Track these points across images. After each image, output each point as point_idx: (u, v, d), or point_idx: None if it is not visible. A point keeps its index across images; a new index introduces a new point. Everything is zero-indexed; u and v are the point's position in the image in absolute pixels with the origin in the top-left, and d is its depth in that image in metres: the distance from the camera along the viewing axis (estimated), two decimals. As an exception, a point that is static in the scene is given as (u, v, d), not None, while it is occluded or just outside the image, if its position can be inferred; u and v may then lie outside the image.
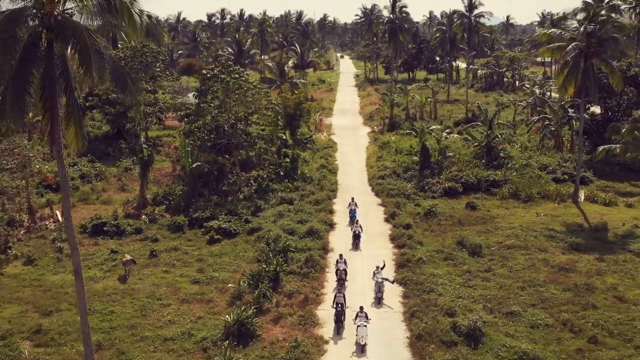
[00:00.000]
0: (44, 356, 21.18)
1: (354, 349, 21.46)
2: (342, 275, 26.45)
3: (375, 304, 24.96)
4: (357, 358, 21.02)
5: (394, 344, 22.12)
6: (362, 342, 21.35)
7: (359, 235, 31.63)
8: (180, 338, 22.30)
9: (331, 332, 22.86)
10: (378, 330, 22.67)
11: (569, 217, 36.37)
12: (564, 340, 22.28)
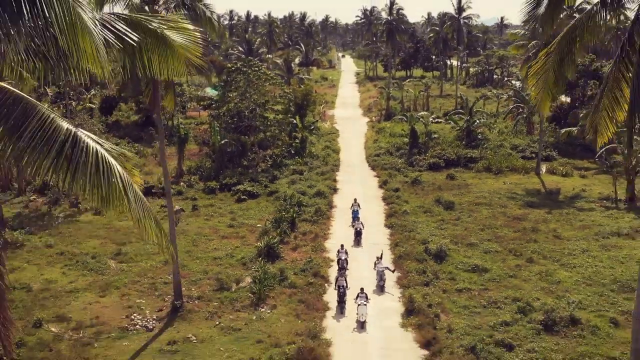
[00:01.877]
0: (127, 268, 29.19)
1: (355, 325, 23.48)
2: (344, 265, 27.70)
3: (377, 291, 26.25)
4: (357, 333, 23.01)
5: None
6: (362, 319, 23.29)
7: (360, 232, 32.57)
8: (225, 258, 30.33)
9: (334, 310, 24.98)
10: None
11: (530, 185, 44.36)
12: (507, 260, 30.22)
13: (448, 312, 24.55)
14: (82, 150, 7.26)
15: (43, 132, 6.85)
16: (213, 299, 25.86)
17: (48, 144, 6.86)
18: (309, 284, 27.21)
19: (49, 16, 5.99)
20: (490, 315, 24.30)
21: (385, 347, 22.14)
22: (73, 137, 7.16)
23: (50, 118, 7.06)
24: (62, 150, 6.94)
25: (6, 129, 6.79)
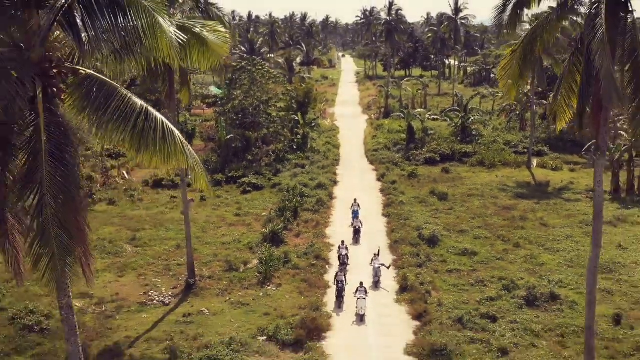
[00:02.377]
0: (142, 251, 31.42)
1: (354, 319, 24.11)
2: (345, 260, 28.47)
3: (372, 287, 26.58)
4: (357, 326, 23.65)
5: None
6: (362, 312, 23.91)
7: (359, 230, 33.09)
8: (233, 243, 32.56)
9: (333, 303, 25.45)
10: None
11: (521, 178, 46.58)
12: (496, 245, 32.44)
13: (439, 290, 26.76)
14: (153, 120, 9.38)
15: (123, 108, 8.93)
16: (223, 278, 28.11)
17: (127, 117, 8.95)
18: (311, 266, 29.45)
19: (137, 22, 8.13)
20: (477, 292, 26.52)
21: (380, 320, 24.35)
22: (145, 111, 9.29)
23: (128, 97, 9.18)
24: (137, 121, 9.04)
25: (94, 106, 8.90)
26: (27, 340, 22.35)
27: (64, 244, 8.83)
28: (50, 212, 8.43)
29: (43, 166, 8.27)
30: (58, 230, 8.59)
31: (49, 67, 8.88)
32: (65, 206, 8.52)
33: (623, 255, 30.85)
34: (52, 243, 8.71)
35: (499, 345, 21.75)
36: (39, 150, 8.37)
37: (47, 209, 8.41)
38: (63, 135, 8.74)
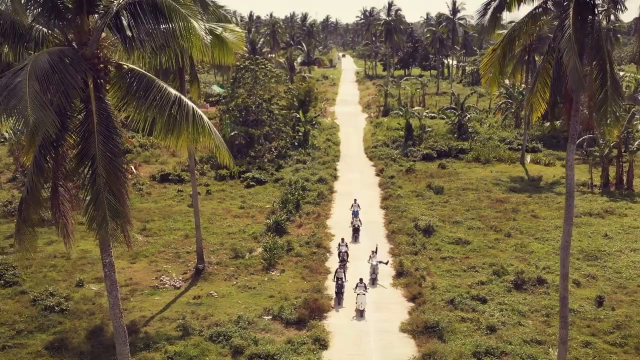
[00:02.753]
0: (152, 241, 33.09)
1: (354, 314, 24.64)
2: (344, 257, 28.93)
3: (370, 284, 26.89)
4: (357, 321, 24.20)
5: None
6: (361, 307, 24.40)
7: (358, 228, 33.64)
8: (238, 233, 34.24)
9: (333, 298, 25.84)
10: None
11: (514, 173, 48.25)
12: (488, 235, 34.11)
13: (433, 275, 28.44)
14: (185, 107, 10.99)
15: (160, 97, 10.53)
16: (230, 264, 29.81)
17: (163, 105, 10.55)
18: (313, 254, 31.14)
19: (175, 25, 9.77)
20: (469, 277, 28.21)
21: (377, 302, 26.01)
22: (179, 99, 10.90)
23: (164, 87, 10.81)
24: (172, 108, 10.64)
25: (135, 96, 10.54)
26: (48, 319, 24.02)
27: (112, 208, 10.45)
28: (101, 181, 10.03)
29: (96, 144, 9.88)
30: (108, 195, 10.20)
31: (97, 62, 10.52)
32: (112, 177, 10.13)
33: (609, 244, 32.50)
34: (103, 206, 10.32)
35: (488, 324, 23.42)
36: (92, 131, 9.98)
37: (99, 179, 10.02)
38: (109, 119, 10.35)
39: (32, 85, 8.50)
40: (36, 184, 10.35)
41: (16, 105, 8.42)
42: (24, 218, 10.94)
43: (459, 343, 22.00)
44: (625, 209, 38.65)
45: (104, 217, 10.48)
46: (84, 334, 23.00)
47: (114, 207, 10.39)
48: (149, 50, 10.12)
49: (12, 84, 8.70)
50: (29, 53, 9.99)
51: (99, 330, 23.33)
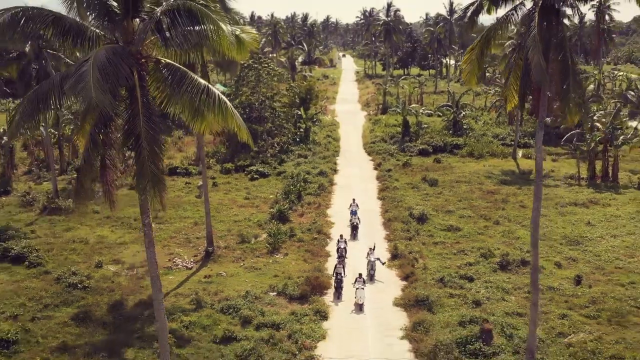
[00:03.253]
0: (164, 227, 35.34)
1: (353, 308, 25.39)
2: (343, 253, 29.62)
3: (368, 280, 27.42)
4: (356, 315, 24.96)
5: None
6: (360, 302, 25.18)
7: (357, 226, 34.25)
8: (244, 221, 36.51)
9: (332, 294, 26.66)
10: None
11: (506, 167, 50.50)
12: (478, 223, 36.35)
13: (425, 257, 30.69)
14: (212, 94, 13.16)
15: (191, 87, 12.70)
16: (237, 248, 32.09)
17: (194, 93, 12.72)
18: (314, 239, 33.42)
19: (207, 27, 12.01)
20: (458, 260, 30.46)
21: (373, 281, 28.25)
22: (207, 88, 13.07)
23: (195, 78, 12.97)
24: (202, 96, 12.81)
25: (171, 86, 12.72)
26: (72, 295, 26.30)
27: (154, 176, 12.60)
28: (145, 153, 12.19)
29: (141, 124, 12.04)
30: (151, 165, 12.35)
31: (140, 57, 12.69)
32: (153, 150, 12.27)
33: (591, 230, 34.72)
34: (147, 174, 12.47)
35: (474, 299, 25.69)
36: (137, 113, 12.14)
37: (144, 151, 12.17)
38: (150, 104, 12.52)
39: (95, 73, 10.68)
40: (90, 155, 12.52)
41: (83, 88, 10.60)
42: (80, 183, 13.13)
43: (446, 315, 24.28)
44: (609, 199, 40.86)
45: (147, 184, 12.62)
46: (105, 308, 25.26)
47: (155, 176, 12.54)
48: (185, 48, 12.33)
49: (79, 72, 10.90)
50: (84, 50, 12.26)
51: (119, 304, 25.59)
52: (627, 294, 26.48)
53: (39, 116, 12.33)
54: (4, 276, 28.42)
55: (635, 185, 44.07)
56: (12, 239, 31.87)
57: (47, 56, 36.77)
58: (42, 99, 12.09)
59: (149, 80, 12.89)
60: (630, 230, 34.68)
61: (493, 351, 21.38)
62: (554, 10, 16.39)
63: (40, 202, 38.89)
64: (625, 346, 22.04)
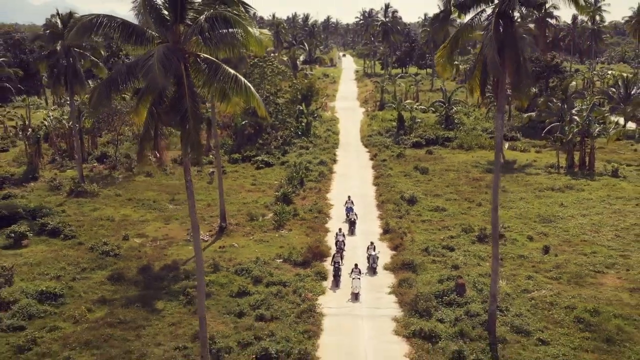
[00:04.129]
0: (180, 208, 39.36)
1: (350, 297, 26.56)
2: (342, 246, 31.14)
3: (369, 273, 28.90)
4: (352, 303, 26.18)
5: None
6: (356, 291, 26.42)
7: (354, 222, 35.71)
8: (251, 203, 40.56)
9: (330, 282, 28.35)
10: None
11: (492, 157, 54.18)
12: (462, 204, 40.37)
13: (413, 232, 34.71)
14: (239, 80, 17.05)
15: (224, 75, 16.57)
16: (246, 225, 36.14)
17: (225, 80, 16.61)
18: (315, 217, 37.46)
19: (238, 30, 16.00)
20: (442, 234, 34.49)
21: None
22: (235, 76, 16.95)
23: (227, 69, 16.78)
24: (231, 82, 16.70)
25: (209, 75, 16.62)
26: (105, 261, 30.36)
27: (195, 143, 16.49)
28: (191, 124, 16.07)
29: (187, 102, 15.93)
30: (194, 134, 16.24)
31: (185, 53, 16.60)
32: (196, 123, 16.14)
33: (562, 211, 38.74)
34: (193, 141, 16.35)
35: (453, 264, 29.71)
36: (183, 95, 16.00)
37: (190, 123, 16.03)
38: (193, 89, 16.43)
39: (158, 64, 14.57)
40: (149, 127, 16.42)
41: (151, 75, 14.50)
42: (142, 149, 17.03)
43: (428, 275, 28.33)
44: (584, 185, 44.88)
45: (190, 148, 16.53)
46: (135, 270, 29.31)
47: (196, 143, 16.43)
48: (220, 46, 16.24)
49: (147, 64, 14.80)
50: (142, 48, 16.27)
51: (147, 268, 29.64)
52: (587, 260, 30.50)
53: (110, 95, 16.26)
54: (43, 247, 32.48)
55: (609, 173, 48.05)
56: (47, 216, 35.89)
57: (75, 54, 40.81)
58: (113, 83, 16.08)
59: (191, 70, 16.79)
60: (599, 211, 38.70)
61: (465, 301, 25.44)
62: (508, 15, 20.35)
63: (66, 186, 42.93)
64: (580, 300, 26.04)
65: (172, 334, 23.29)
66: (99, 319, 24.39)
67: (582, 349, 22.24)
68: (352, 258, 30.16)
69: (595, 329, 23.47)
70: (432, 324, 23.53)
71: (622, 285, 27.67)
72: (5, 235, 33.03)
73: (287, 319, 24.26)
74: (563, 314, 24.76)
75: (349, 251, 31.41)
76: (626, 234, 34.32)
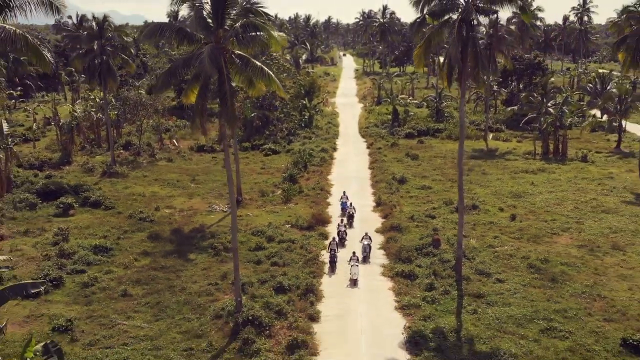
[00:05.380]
0: (201, 187, 45.29)
1: (347, 283, 28.43)
2: (343, 235, 33.53)
3: (362, 261, 30.32)
4: (350, 289, 28.13)
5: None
6: (355, 277, 28.22)
7: (352, 215, 37.67)
8: (262, 182, 46.56)
9: (327, 269, 30.24)
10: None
11: (477, 146, 60.43)
12: (446, 184, 46.24)
13: (401, 205, 40.61)
14: (264, 71, 22.75)
15: (253, 67, 22.31)
16: (259, 200, 42.10)
17: (253, 70, 22.38)
18: (318, 194, 43.42)
19: (263, 34, 21.75)
20: (426, 206, 40.40)
21: (362, 219, 38.17)
22: (261, 67, 22.68)
23: (255, 62, 22.50)
24: (258, 71, 22.48)
25: (240, 67, 22.43)
26: (143, 225, 36.29)
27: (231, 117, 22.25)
28: (229, 102, 21.82)
29: (226, 86, 21.69)
30: (231, 109, 21.94)
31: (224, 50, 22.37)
32: (232, 102, 21.85)
33: (532, 188, 44.63)
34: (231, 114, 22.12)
35: (433, 227, 35.61)
36: (223, 81, 21.76)
37: (229, 101, 21.77)
38: (229, 77, 22.22)
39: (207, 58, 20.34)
40: (199, 103, 22.20)
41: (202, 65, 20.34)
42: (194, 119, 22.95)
43: (411, 235, 34.25)
44: (555, 168, 50.80)
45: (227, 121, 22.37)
46: (169, 232, 35.24)
47: (232, 116, 22.19)
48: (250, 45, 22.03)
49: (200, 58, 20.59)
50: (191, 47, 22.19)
51: (178, 230, 35.57)
52: (546, 225, 36.39)
53: (170, 81, 22.13)
54: (88, 215, 38.43)
55: (579, 158, 53.97)
56: (87, 191, 41.82)
57: (109, 53, 46.79)
58: (172, 73, 21.98)
59: (228, 63, 22.56)
60: (565, 189, 44.62)
61: (439, 252, 31.36)
62: (468, 22, 26.21)
63: (98, 169, 48.88)
64: (534, 253, 31.91)
65: (204, 275, 29.23)
66: (145, 266, 30.35)
67: (531, 286, 28.12)
68: (350, 247, 32.13)
69: (544, 272, 29.37)
70: (411, 267, 29.50)
71: (572, 243, 33.57)
72: (55, 205, 38.97)
73: (296, 265, 30.20)
74: (519, 262, 30.65)
75: (347, 241, 33.50)
76: (584, 207, 40.20)
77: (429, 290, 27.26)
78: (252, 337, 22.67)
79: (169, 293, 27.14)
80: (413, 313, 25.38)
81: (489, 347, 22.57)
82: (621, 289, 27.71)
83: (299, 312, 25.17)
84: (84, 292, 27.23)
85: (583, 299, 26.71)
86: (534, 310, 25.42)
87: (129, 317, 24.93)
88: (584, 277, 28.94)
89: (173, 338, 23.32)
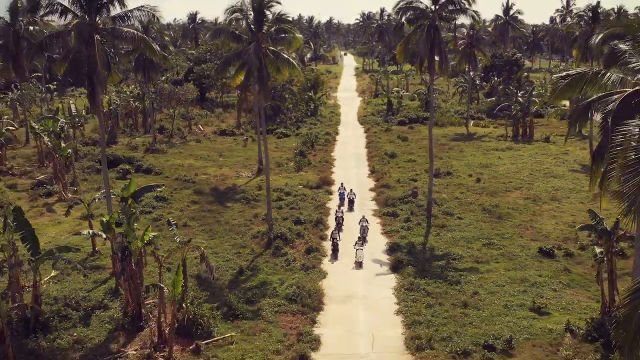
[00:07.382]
0: (227, 160, 55.43)
1: (352, 266, 31.43)
2: (340, 221, 36.24)
3: (360, 242, 32.83)
4: (356, 271, 31.04)
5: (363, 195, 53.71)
6: (360, 260, 30.97)
7: (353, 200, 41.62)
8: (277, 157, 56.68)
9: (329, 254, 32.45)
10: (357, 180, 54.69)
11: (459, 131, 70.49)
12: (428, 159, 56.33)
13: (391, 174, 50.69)
14: (289, 61, 32.52)
15: (281, 59, 32.27)
16: (275, 169, 52.24)
17: (281, 62, 32.32)
18: (323, 165, 53.60)
19: (289, 35, 31.46)
20: (411, 173, 50.50)
21: (359, 184, 48.26)
22: (287, 59, 32.51)
23: (284, 55, 32.34)
24: (284, 62, 32.46)
25: (273, 59, 32.24)
26: (187, 185, 46.42)
27: (268, 92, 32.10)
28: (263, 88, 31.54)
29: (265, 72, 31.35)
30: (267, 88, 31.61)
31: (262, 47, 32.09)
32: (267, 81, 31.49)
33: (498, 161, 54.72)
34: (267, 91, 31.91)
35: (414, 187, 45.67)
36: (262, 68, 31.45)
37: (264, 80, 31.54)
38: (266, 67, 31.86)
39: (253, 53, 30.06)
40: (243, 85, 32.04)
41: (249, 58, 30.29)
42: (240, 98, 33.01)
43: (396, 191, 44.38)
44: (521, 147, 60.82)
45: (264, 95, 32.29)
46: (208, 190, 45.38)
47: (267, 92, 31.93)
48: (280, 43, 31.74)
49: (248, 52, 30.73)
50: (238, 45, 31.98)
51: (215, 188, 45.71)
52: (503, 186, 46.43)
53: (226, 68, 32.17)
54: (142, 179, 48.35)
55: (543, 139, 64.02)
56: (138, 161, 51.94)
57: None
58: (226, 63, 31.99)
59: (264, 56, 32.40)
60: (525, 162, 54.67)
61: (416, 201, 41.50)
62: (435, 26, 36.27)
63: (142, 146, 59.02)
64: (489, 202, 41.93)
65: (240, 215, 39.37)
66: (195, 209, 40.50)
67: (482, 221, 38.18)
68: (348, 230, 36.08)
69: (493, 213, 39.46)
70: (395, 209, 39.66)
71: (520, 196, 43.63)
72: (115, 171, 49.09)
73: (309, 209, 40.35)
74: (476, 207, 40.76)
75: (348, 223, 37.12)
76: (538, 174, 50.23)
77: (406, 222, 37.42)
78: (281, 245, 32.87)
79: (217, 224, 37.31)
80: (393, 235, 35.58)
81: (444, 252, 32.75)
82: (550, 224, 37.81)
83: (312, 235, 35.36)
84: (155, 224, 37.34)
85: (519, 228, 36.84)
86: (481, 234, 35.57)
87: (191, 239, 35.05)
88: (523, 216, 39.05)
89: (225, 248, 33.50)
